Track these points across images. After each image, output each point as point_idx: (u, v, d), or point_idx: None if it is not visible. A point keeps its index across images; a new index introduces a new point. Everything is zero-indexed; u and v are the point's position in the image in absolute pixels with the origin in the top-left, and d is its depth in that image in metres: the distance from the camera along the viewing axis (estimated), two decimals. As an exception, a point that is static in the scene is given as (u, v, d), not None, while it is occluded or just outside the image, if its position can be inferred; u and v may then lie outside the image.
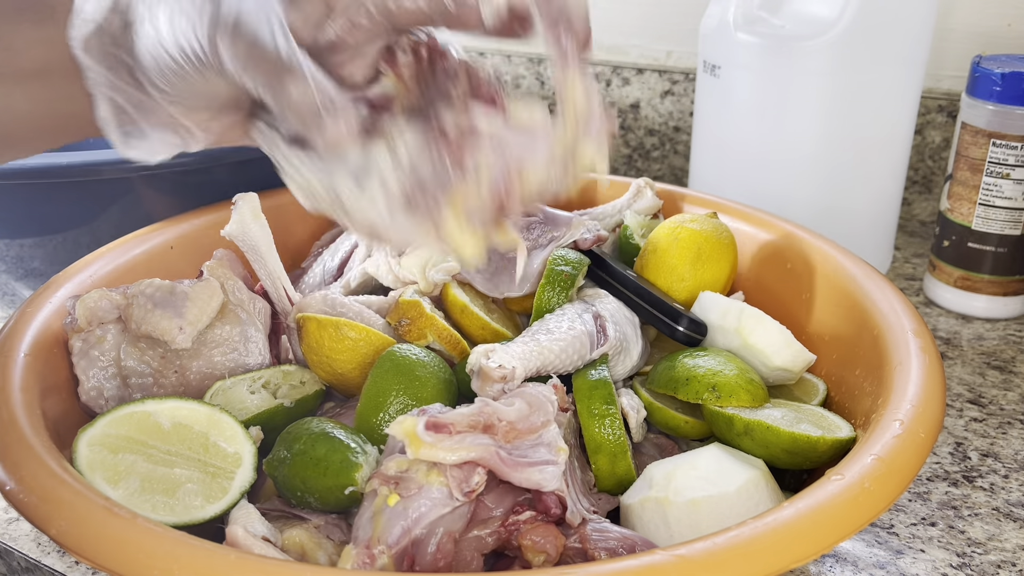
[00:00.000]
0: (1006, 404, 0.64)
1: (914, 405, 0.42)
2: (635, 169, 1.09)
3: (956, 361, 0.70)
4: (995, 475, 0.57)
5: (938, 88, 0.91)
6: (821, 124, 0.73)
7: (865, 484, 0.37)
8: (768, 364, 0.53)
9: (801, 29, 0.71)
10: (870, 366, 0.50)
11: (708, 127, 0.79)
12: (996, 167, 0.71)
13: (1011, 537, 0.52)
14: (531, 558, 0.41)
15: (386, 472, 0.41)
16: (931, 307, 0.78)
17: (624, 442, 0.48)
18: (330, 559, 0.42)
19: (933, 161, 0.93)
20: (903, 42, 0.71)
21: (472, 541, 0.41)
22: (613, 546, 0.41)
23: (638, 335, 0.56)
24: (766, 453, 0.47)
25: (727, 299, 0.56)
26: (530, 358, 0.49)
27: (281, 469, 0.44)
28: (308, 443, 0.44)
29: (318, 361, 0.53)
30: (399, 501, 0.39)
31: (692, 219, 0.60)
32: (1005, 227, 0.72)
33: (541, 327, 0.52)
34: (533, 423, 0.43)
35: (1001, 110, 0.69)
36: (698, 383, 0.49)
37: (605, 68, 1.06)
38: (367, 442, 0.45)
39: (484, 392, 0.47)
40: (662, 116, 1.05)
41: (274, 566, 0.34)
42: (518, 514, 0.42)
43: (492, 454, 0.41)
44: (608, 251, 0.68)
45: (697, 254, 0.59)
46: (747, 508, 0.43)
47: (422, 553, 0.39)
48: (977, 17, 0.87)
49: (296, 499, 0.44)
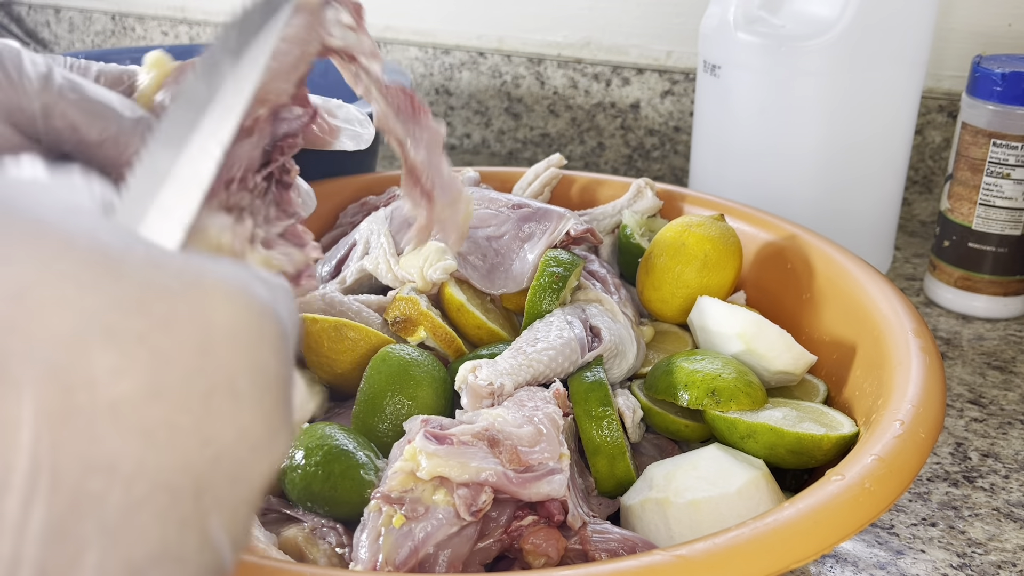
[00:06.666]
0: (1006, 404, 0.64)
1: (914, 405, 0.42)
2: (635, 169, 1.09)
3: (956, 361, 0.70)
4: (995, 475, 0.57)
5: (938, 88, 0.91)
6: (821, 124, 0.73)
7: (865, 484, 0.37)
8: (770, 368, 0.53)
9: (801, 29, 0.71)
10: (870, 366, 0.50)
11: (708, 127, 0.79)
12: (996, 167, 0.71)
13: (1011, 537, 0.52)
14: (532, 561, 0.41)
15: (389, 492, 0.40)
16: (931, 307, 0.78)
17: (622, 443, 0.48)
18: (329, 561, 0.42)
19: (933, 161, 0.93)
20: (903, 42, 0.71)
21: (477, 553, 0.41)
22: (613, 547, 0.41)
23: (633, 337, 0.56)
24: (770, 454, 0.47)
25: (727, 305, 0.55)
26: (519, 372, 0.49)
27: (292, 474, 0.44)
28: (327, 458, 0.44)
29: (318, 361, 0.53)
30: (405, 523, 0.39)
31: (699, 223, 0.59)
32: (1005, 227, 0.72)
33: (529, 336, 0.52)
34: (542, 458, 0.42)
35: (1001, 110, 0.69)
36: (697, 389, 0.49)
37: (605, 68, 1.06)
38: (379, 456, 0.45)
39: (474, 409, 0.47)
40: (662, 116, 1.05)
41: (275, 566, 0.34)
42: (520, 519, 0.42)
43: (500, 475, 0.41)
44: (608, 252, 0.68)
45: (704, 261, 0.58)
46: (748, 509, 0.43)
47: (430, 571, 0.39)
48: (977, 17, 0.87)
49: (302, 504, 0.44)
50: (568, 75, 1.08)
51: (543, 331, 0.52)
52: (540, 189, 0.71)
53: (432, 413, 0.48)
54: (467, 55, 1.13)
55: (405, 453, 0.41)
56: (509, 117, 1.13)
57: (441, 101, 1.17)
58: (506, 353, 0.50)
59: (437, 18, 1.14)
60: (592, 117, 1.09)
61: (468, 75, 1.14)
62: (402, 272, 0.58)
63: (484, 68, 1.12)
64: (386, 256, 0.59)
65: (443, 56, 1.14)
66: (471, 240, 0.59)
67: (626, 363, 0.55)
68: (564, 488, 0.41)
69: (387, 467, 0.43)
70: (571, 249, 0.59)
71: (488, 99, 1.14)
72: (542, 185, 0.71)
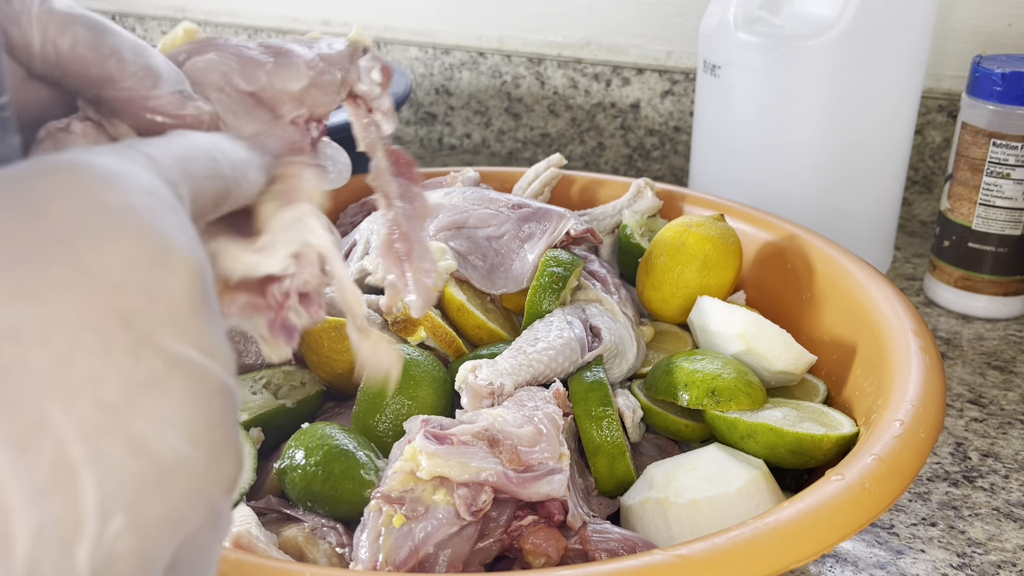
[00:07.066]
0: (1006, 404, 0.64)
1: (914, 405, 0.42)
2: (635, 169, 1.09)
3: (956, 361, 0.70)
4: (995, 475, 0.57)
5: (938, 88, 0.91)
6: (821, 124, 0.73)
7: (865, 484, 0.37)
8: (770, 368, 0.53)
9: (801, 29, 0.71)
10: (870, 366, 0.50)
11: (708, 127, 0.79)
12: (996, 167, 0.71)
13: (1011, 537, 0.52)
14: (532, 561, 0.41)
15: (389, 492, 0.40)
16: (931, 307, 0.78)
17: (622, 443, 0.48)
18: (329, 561, 0.42)
19: (933, 161, 0.93)
20: (903, 42, 0.71)
21: (477, 553, 0.41)
22: (613, 547, 0.41)
23: (633, 337, 0.56)
24: (770, 454, 0.47)
25: (727, 305, 0.55)
26: (519, 372, 0.49)
27: (292, 474, 0.44)
28: (327, 458, 0.44)
29: (318, 361, 0.53)
30: (405, 523, 0.39)
31: (699, 223, 0.59)
32: (1005, 227, 0.72)
33: (529, 336, 0.52)
34: (542, 458, 0.42)
35: (1001, 110, 0.69)
36: (697, 389, 0.49)
37: (605, 68, 1.06)
38: (379, 456, 0.45)
39: (474, 409, 0.47)
40: (662, 116, 1.05)
41: (276, 567, 0.34)
42: (520, 519, 0.42)
43: (500, 475, 0.41)
44: (608, 252, 0.68)
45: (704, 262, 0.58)
46: (747, 508, 0.43)
47: (430, 571, 0.39)
48: (977, 17, 0.87)
49: (302, 504, 0.44)
50: (568, 75, 1.08)
51: (543, 331, 0.52)
52: (540, 189, 0.71)
53: (432, 413, 0.48)
54: (467, 55, 1.13)
55: (405, 453, 0.41)
56: (509, 117, 1.13)
57: (441, 101, 1.17)
58: (506, 353, 0.50)
59: (437, 18, 1.14)
60: (592, 117, 1.09)
61: (468, 75, 1.14)
62: (402, 272, 0.58)
63: (484, 68, 1.12)
64: (386, 256, 0.59)
65: (443, 56, 1.14)
66: (471, 240, 0.59)
67: (626, 363, 0.55)
68: (564, 488, 0.41)
69: (387, 467, 0.43)
70: (571, 249, 0.59)
71: (488, 99, 1.14)
72: (542, 185, 0.71)
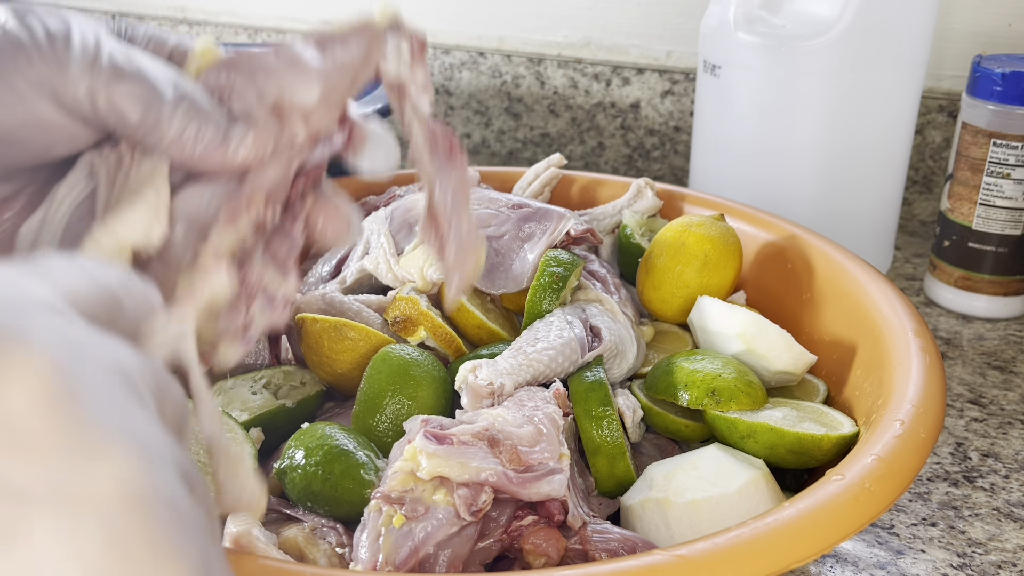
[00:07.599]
0: (1006, 404, 0.64)
1: (914, 405, 0.42)
2: (635, 169, 1.09)
3: (956, 361, 0.70)
4: (995, 475, 0.57)
5: (938, 88, 0.91)
6: (821, 124, 0.73)
7: (865, 484, 0.37)
8: (770, 368, 0.53)
9: (801, 29, 0.71)
10: (871, 366, 0.50)
11: (708, 127, 0.79)
12: (996, 167, 0.71)
13: (1011, 537, 0.52)
14: (532, 561, 0.41)
15: (389, 492, 0.40)
16: (931, 307, 0.78)
17: (622, 443, 0.48)
18: (329, 561, 0.42)
19: (933, 161, 0.93)
20: (903, 42, 0.71)
21: (477, 553, 0.41)
22: (614, 547, 0.41)
23: (633, 337, 0.56)
24: (770, 454, 0.47)
25: (727, 305, 0.55)
26: (519, 372, 0.49)
27: (292, 474, 0.44)
28: (327, 458, 0.44)
29: (318, 361, 0.53)
30: (405, 523, 0.39)
31: (699, 223, 0.59)
32: (1006, 227, 0.72)
33: (529, 336, 0.52)
34: (542, 458, 0.42)
35: (1002, 110, 0.69)
36: (697, 389, 0.49)
37: (605, 68, 1.06)
38: (379, 456, 0.45)
39: (474, 409, 0.47)
40: (662, 116, 1.05)
41: (276, 567, 0.34)
42: (520, 519, 0.42)
43: (500, 475, 0.41)
44: (608, 252, 0.68)
45: (704, 262, 0.58)
46: (748, 509, 0.43)
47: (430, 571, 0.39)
48: (977, 17, 0.87)
49: (302, 504, 0.44)
50: (568, 75, 1.08)
51: (543, 331, 0.52)
52: (540, 189, 0.71)
53: (432, 413, 0.48)
54: (467, 55, 1.13)
55: (405, 453, 0.41)
56: (509, 117, 1.13)
57: (441, 101, 1.17)
58: (506, 353, 0.50)
59: (437, 18, 1.14)
60: (592, 117, 1.09)
61: (468, 75, 1.14)
62: (402, 272, 0.58)
63: (484, 68, 1.12)
64: (386, 256, 0.59)
65: (443, 56, 1.14)
66: (471, 240, 0.59)
67: (626, 363, 0.55)
68: (564, 488, 0.41)
69: (387, 467, 0.43)
70: (571, 249, 0.59)
71: (488, 99, 1.14)
72: (542, 185, 0.71)
